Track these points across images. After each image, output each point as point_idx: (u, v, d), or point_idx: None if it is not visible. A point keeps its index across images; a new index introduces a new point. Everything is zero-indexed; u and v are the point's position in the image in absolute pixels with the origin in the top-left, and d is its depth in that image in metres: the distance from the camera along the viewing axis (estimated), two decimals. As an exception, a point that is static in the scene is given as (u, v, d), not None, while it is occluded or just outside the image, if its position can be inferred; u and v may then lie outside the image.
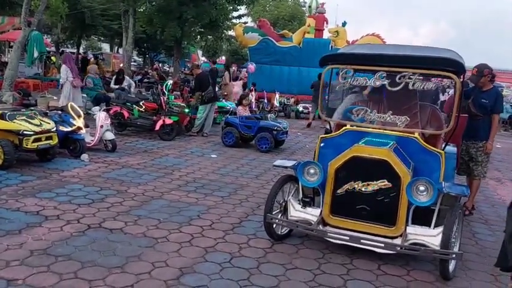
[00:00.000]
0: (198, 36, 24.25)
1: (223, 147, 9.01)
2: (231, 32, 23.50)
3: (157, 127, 9.05)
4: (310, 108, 14.76)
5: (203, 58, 37.56)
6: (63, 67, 10.27)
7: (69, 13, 17.58)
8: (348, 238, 3.84)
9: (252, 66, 16.00)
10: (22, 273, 3.28)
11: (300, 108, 15.47)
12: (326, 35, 19.24)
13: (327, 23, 19.38)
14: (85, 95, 10.85)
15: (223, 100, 12.35)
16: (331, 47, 16.45)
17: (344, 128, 4.35)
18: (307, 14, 31.58)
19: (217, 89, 12.84)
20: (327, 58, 4.68)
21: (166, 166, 6.99)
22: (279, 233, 4.30)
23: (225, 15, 19.48)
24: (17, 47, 11.81)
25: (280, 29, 23.71)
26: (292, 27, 29.44)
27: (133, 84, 14.02)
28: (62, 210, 4.65)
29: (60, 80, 10.31)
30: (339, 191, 3.96)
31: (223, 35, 22.79)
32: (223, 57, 38.40)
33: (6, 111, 6.25)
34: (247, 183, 6.38)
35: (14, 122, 6.08)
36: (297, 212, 4.24)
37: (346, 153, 3.94)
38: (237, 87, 13.48)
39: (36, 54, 12.06)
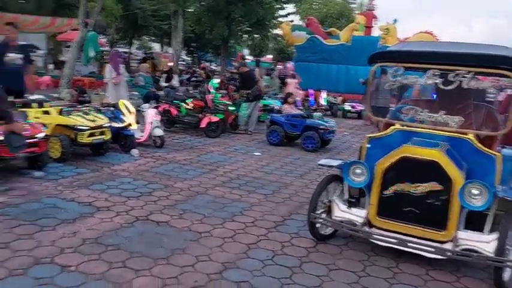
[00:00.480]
0: (245, 35, 24.43)
1: (267, 145, 9.02)
2: (277, 31, 23.49)
3: (203, 124, 9.22)
4: (363, 107, 14.33)
5: (250, 57, 37.82)
6: (108, 66, 10.61)
7: (122, 14, 18.29)
8: (395, 241, 3.73)
9: (289, 65, 15.99)
10: (75, 260, 3.46)
11: (347, 107, 15.19)
12: (375, 32, 18.80)
13: (376, 20, 18.93)
14: (136, 93, 11.24)
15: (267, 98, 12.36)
16: (380, 44, 16.03)
17: (393, 127, 4.21)
18: (357, 12, 30.97)
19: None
20: (377, 56, 4.56)
21: (211, 162, 7.11)
22: (323, 233, 4.24)
23: (272, 14, 19.50)
24: (75, 47, 12.44)
25: (327, 27, 23.41)
26: (340, 24, 28.95)
27: (177, 84, 14.41)
28: (113, 202, 4.86)
29: (104, 79, 10.68)
30: (386, 192, 3.85)
31: (269, 33, 22.82)
32: (269, 56, 38.48)
33: (64, 107, 6.63)
34: (291, 182, 6.35)
35: (70, 118, 6.43)
36: (341, 212, 4.16)
37: (394, 153, 3.82)
38: (291, 87, 13.32)
39: (92, 54, 12.65)
